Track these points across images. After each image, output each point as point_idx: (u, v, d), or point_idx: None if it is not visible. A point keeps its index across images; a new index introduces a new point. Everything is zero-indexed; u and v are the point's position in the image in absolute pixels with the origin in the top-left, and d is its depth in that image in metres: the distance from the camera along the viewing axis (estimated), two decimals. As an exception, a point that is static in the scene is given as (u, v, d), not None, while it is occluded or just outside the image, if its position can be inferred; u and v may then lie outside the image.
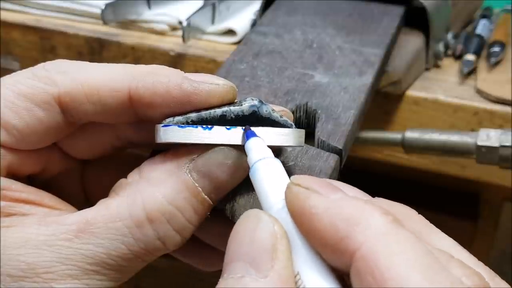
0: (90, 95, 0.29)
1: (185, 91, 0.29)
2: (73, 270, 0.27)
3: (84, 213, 0.28)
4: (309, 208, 0.24)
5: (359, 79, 0.42)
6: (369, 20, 0.52)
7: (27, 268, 0.27)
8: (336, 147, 0.35)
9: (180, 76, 0.30)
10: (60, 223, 0.28)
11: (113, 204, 0.29)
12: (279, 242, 0.24)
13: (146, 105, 0.29)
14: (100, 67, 0.31)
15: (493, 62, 0.58)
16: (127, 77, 0.29)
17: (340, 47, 0.46)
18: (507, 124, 0.52)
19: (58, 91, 0.29)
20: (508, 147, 0.45)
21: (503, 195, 0.73)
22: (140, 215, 0.28)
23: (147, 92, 0.29)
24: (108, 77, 0.30)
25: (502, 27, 0.64)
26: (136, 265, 0.29)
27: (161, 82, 0.29)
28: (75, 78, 0.30)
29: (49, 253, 0.27)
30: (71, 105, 0.30)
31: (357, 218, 0.23)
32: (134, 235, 0.28)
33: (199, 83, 0.29)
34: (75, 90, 0.29)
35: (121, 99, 0.29)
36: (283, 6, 0.54)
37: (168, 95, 0.29)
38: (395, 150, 0.56)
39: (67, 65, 0.31)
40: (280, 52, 0.45)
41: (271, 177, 0.27)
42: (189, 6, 0.64)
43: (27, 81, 0.30)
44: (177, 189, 0.29)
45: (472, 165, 0.54)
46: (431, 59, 0.59)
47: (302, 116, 0.38)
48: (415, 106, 0.54)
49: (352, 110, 0.38)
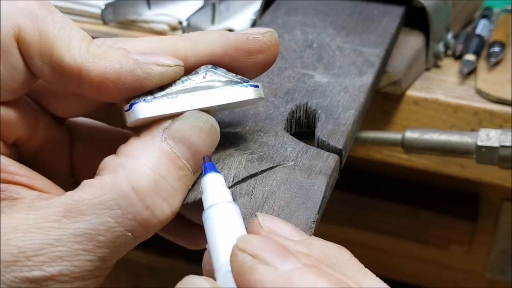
0: (43, 54, 0.29)
1: (138, 77, 0.29)
2: (63, 251, 0.27)
3: (70, 194, 0.29)
4: (254, 283, 0.22)
5: (359, 79, 0.42)
6: (369, 20, 0.52)
7: (18, 252, 0.27)
8: (336, 147, 0.35)
9: (131, 61, 0.29)
10: (48, 206, 0.28)
11: (96, 181, 0.29)
12: None
13: (94, 88, 0.29)
14: (64, 28, 0.30)
15: (493, 62, 0.58)
16: (80, 57, 0.29)
17: (340, 47, 0.46)
18: (507, 124, 0.52)
19: (19, 32, 0.29)
20: (508, 147, 0.45)
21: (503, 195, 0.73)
22: (125, 186, 0.28)
23: (97, 77, 0.29)
24: (64, 48, 0.29)
25: (502, 27, 0.64)
26: (126, 241, 0.29)
27: (113, 68, 0.29)
28: (37, 26, 0.29)
29: (38, 235, 0.27)
30: (24, 52, 0.29)
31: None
32: (120, 206, 0.28)
33: (151, 68, 0.29)
34: (32, 38, 0.29)
35: (70, 74, 0.29)
36: (283, 6, 0.54)
37: (119, 81, 0.29)
38: (395, 150, 0.56)
39: (35, 7, 0.30)
40: (280, 52, 0.44)
41: (223, 230, 0.25)
42: (189, 6, 0.64)
43: None
44: (156, 156, 0.29)
45: (472, 165, 0.54)
46: (431, 59, 0.59)
47: (302, 116, 0.38)
48: (415, 106, 0.54)
49: (352, 110, 0.38)
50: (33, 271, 0.27)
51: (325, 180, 0.32)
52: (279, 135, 0.35)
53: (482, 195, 0.75)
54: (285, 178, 0.32)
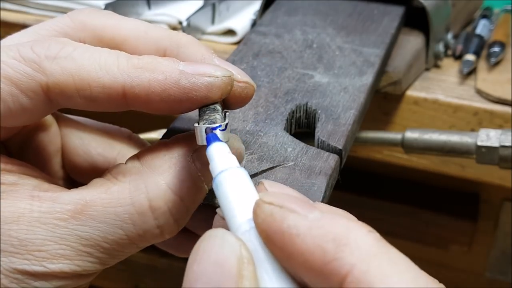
0: (81, 90, 0.27)
1: (183, 88, 0.28)
2: (66, 250, 0.27)
3: (80, 193, 0.28)
4: (288, 229, 0.22)
5: (359, 79, 0.42)
6: (369, 20, 0.52)
7: (19, 244, 0.26)
8: (336, 147, 0.35)
9: (176, 71, 0.28)
10: (55, 200, 0.27)
11: (113, 188, 0.28)
12: (245, 268, 0.22)
13: (141, 102, 0.28)
14: (92, 56, 0.28)
15: (493, 62, 0.58)
16: (121, 74, 0.28)
17: (340, 47, 0.46)
18: (507, 124, 0.52)
19: (47, 81, 0.27)
20: (508, 147, 0.45)
21: (503, 195, 0.73)
22: (143, 203, 0.28)
23: (142, 92, 0.28)
24: (102, 72, 0.28)
25: (502, 27, 0.64)
26: (129, 250, 0.29)
27: (158, 80, 0.28)
28: (65, 69, 0.27)
29: (42, 230, 0.27)
30: (59, 97, 0.28)
31: (345, 238, 0.21)
32: (134, 222, 0.28)
33: (197, 78, 0.28)
34: (65, 82, 0.27)
35: (114, 96, 0.28)
36: (283, 6, 0.54)
37: (165, 94, 0.28)
38: (395, 150, 0.56)
39: (56, 49, 0.28)
40: (280, 52, 0.45)
41: (236, 193, 0.25)
42: (189, 6, 0.64)
43: (13, 63, 0.27)
44: (182, 178, 0.28)
45: (472, 165, 0.54)
46: (431, 59, 0.59)
47: (302, 116, 0.38)
48: (415, 106, 0.54)
49: (352, 110, 0.38)
50: (33, 266, 0.27)
51: (325, 180, 0.32)
52: (279, 135, 0.35)
53: (482, 195, 0.75)
54: (285, 179, 0.32)
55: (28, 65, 0.27)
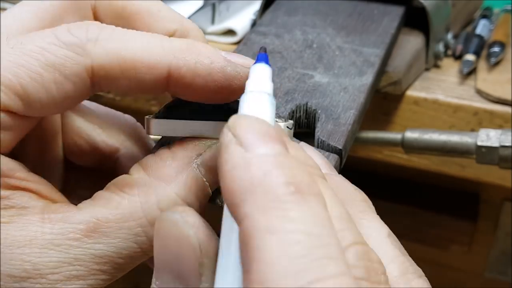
0: (126, 71, 0.27)
1: (228, 75, 0.27)
2: (80, 271, 0.27)
3: (92, 212, 0.27)
4: (220, 162, 0.21)
5: (359, 79, 0.42)
6: (369, 20, 0.52)
7: (32, 268, 0.26)
8: (336, 147, 0.35)
9: (222, 58, 0.28)
10: (66, 221, 0.27)
11: (124, 202, 0.28)
12: (203, 256, 0.22)
13: (185, 85, 0.28)
14: (136, 37, 0.27)
15: (493, 62, 0.58)
16: (167, 55, 0.27)
17: (340, 47, 0.46)
18: (507, 124, 0.52)
19: (92, 63, 0.26)
20: (508, 147, 0.45)
21: (503, 195, 0.73)
22: (155, 214, 0.27)
23: (188, 73, 0.27)
24: (147, 52, 0.27)
25: (502, 27, 0.64)
26: (140, 261, 0.29)
27: (204, 64, 0.27)
28: (110, 50, 0.26)
29: (56, 253, 0.26)
30: (104, 79, 0.27)
31: (255, 185, 0.20)
32: (147, 233, 0.27)
33: (239, 67, 0.28)
34: (111, 64, 0.26)
35: (159, 77, 0.27)
36: (283, 6, 0.54)
37: (210, 78, 0.27)
38: (395, 150, 0.56)
39: (96, 30, 0.27)
40: (280, 52, 0.45)
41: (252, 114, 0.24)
42: (189, 6, 0.64)
43: (53, 48, 0.26)
44: (189, 185, 0.28)
45: (472, 165, 0.54)
46: (431, 59, 0.59)
47: (302, 116, 0.38)
48: (415, 106, 0.54)
49: (352, 110, 0.38)
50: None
51: (325, 180, 0.32)
52: (279, 135, 0.35)
53: (482, 195, 0.75)
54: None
55: (71, 49, 0.26)
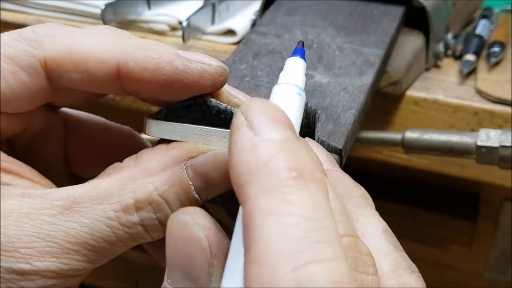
0: (77, 64, 0.28)
1: (176, 69, 0.28)
2: (53, 248, 0.27)
3: (71, 190, 0.28)
4: (230, 144, 0.22)
5: (359, 79, 0.42)
6: (369, 20, 0.52)
7: (6, 241, 0.26)
8: (336, 147, 0.35)
9: (171, 52, 0.29)
10: (45, 197, 0.27)
11: (102, 185, 0.28)
12: (213, 257, 0.23)
13: (134, 80, 0.29)
14: (91, 35, 0.29)
15: (493, 62, 0.58)
16: (117, 50, 0.28)
17: (340, 47, 0.46)
18: (507, 124, 0.52)
19: (45, 55, 0.28)
20: (508, 147, 0.45)
21: (503, 195, 0.73)
22: (128, 201, 0.28)
23: (136, 67, 0.28)
24: (98, 47, 0.29)
25: (502, 27, 0.64)
26: (117, 248, 0.29)
27: (152, 58, 0.28)
28: (63, 44, 0.29)
29: (30, 226, 0.26)
30: (56, 71, 0.29)
31: (260, 167, 0.21)
32: (119, 219, 0.28)
33: (191, 62, 0.28)
34: (62, 56, 0.28)
35: (109, 72, 0.28)
36: (283, 6, 0.54)
37: (158, 72, 0.28)
38: (395, 150, 0.56)
39: (57, 29, 0.29)
40: (280, 52, 0.44)
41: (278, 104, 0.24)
42: (189, 6, 0.64)
43: (13, 43, 0.28)
44: (170, 183, 0.28)
45: (472, 165, 0.54)
46: (431, 59, 0.59)
47: (302, 116, 0.38)
48: (415, 106, 0.54)
49: (352, 110, 0.38)
50: (19, 264, 0.26)
51: (325, 180, 0.32)
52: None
53: (482, 195, 0.75)
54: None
55: (28, 43, 0.28)
